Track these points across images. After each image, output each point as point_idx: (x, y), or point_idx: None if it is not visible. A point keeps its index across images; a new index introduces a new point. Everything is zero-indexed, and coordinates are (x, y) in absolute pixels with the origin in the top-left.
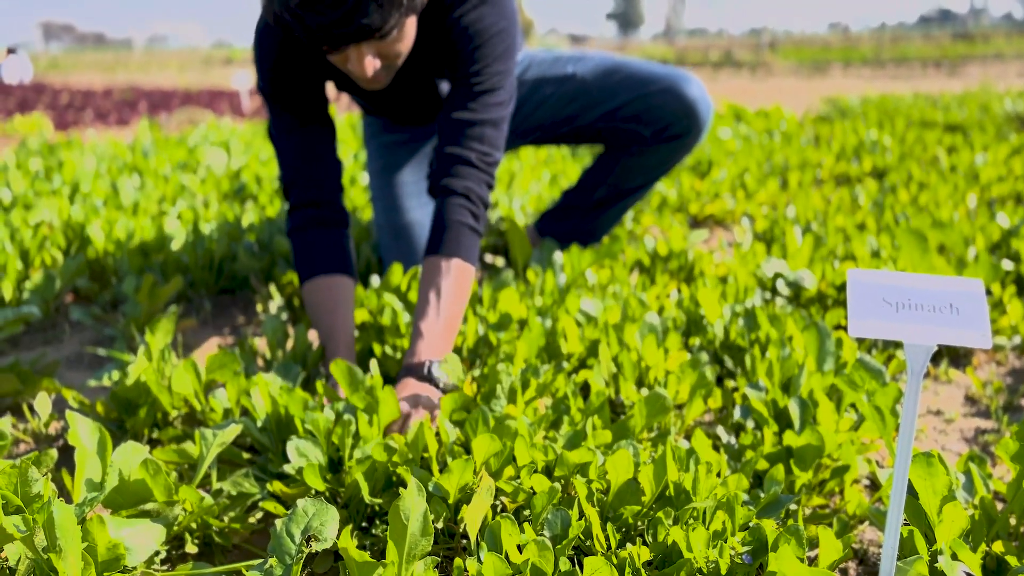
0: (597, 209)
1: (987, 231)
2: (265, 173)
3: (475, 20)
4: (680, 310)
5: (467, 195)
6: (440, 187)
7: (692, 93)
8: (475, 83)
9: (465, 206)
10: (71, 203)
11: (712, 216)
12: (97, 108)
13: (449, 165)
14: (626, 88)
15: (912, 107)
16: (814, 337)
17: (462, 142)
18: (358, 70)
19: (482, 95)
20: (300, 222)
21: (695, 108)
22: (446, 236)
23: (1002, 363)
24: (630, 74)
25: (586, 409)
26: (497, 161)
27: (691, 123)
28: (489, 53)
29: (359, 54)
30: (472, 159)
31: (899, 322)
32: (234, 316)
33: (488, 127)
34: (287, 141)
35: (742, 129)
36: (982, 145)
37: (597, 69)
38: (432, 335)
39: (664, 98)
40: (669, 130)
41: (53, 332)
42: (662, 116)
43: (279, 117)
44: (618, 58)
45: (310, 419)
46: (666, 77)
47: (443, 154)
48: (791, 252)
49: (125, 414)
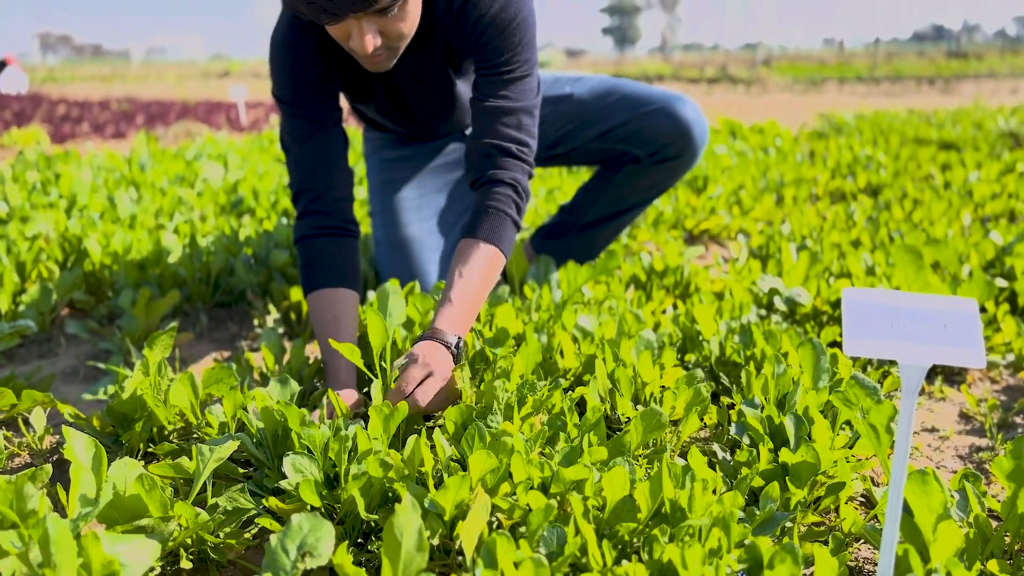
0: (591, 228)
1: (981, 248)
2: (262, 187)
3: (501, 8)
4: (676, 326)
5: (515, 185)
6: (485, 178)
7: (687, 115)
8: (506, 71)
9: (512, 197)
10: (68, 216)
11: (708, 232)
12: (94, 120)
13: (493, 155)
14: (621, 109)
15: (906, 124)
16: (809, 354)
17: (503, 132)
18: (359, 46)
19: (516, 82)
20: (308, 230)
21: (690, 130)
22: (488, 222)
23: (996, 380)
24: (626, 95)
25: (582, 425)
26: (534, 150)
27: (686, 145)
28: (519, 41)
29: (360, 29)
30: (514, 150)
31: (894, 341)
32: (230, 330)
33: (525, 115)
34: (300, 148)
35: (738, 145)
36: (976, 163)
37: (594, 90)
38: (455, 311)
39: (659, 119)
40: (663, 152)
41: (49, 345)
42: (657, 137)
43: (293, 123)
44: (615, 80)
45: (307, 434)
46: (661, 99)
47: (484, 144)
48: (786, 269)
49: (121, 428)
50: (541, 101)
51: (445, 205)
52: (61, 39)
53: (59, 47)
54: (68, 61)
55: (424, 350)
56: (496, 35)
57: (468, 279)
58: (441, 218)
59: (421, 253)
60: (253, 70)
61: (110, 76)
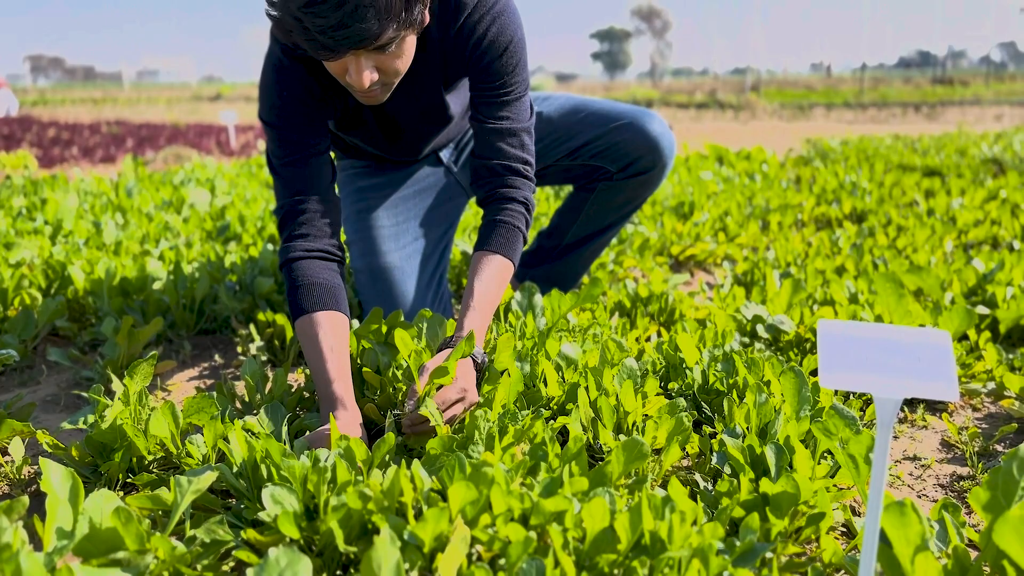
0: (571, 250)
1: (963, 276)
2: (249, 213)
3: (498, 32)
4: (659, 354)
5: (525, 203)
6: (497, 195)
7: (655, 129)
8: (504, 93)
9: (523, 213)
10: (53, 242)
11: (694, 258)
12: (84, 144)
13: (501, 175)
14: (590, 125)
15: (891, 150)
16: (791, 383)
17: (509, 152)
18: (355, 81)
19: (514, 103)
20: (294, 254)
21: (658, 143)
22: (502, 235)
23: (978, 409)
24: (593, 112)
25: (563, 455)
26: (534, 167)
27: (656, 157)
28: (515, 63)
29: (357, 65)
30: (521, 169)
31: (868, 374)
32: (214, 358)
33: (525, 135)
34: (288, 172)
35: (724, 171)
36: (959, 189)
37: (562, 108)
38: (474, 322)
39: (627, 134)
40: (634, 166)
41: (30, 373)
42: (627, 152)
43: (281, 148)
44: (581, 98)
45: (286, 466)
46: (629, 114)
47: (493, 164)
48: (770, 296)
49: (100, 459)
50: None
51: (422, 232)
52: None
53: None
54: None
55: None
56: (494, 58)
57: (489, 287)
58: (419, 245)
59: (402, 281)
60: (245, 93)
61: (101, 99)
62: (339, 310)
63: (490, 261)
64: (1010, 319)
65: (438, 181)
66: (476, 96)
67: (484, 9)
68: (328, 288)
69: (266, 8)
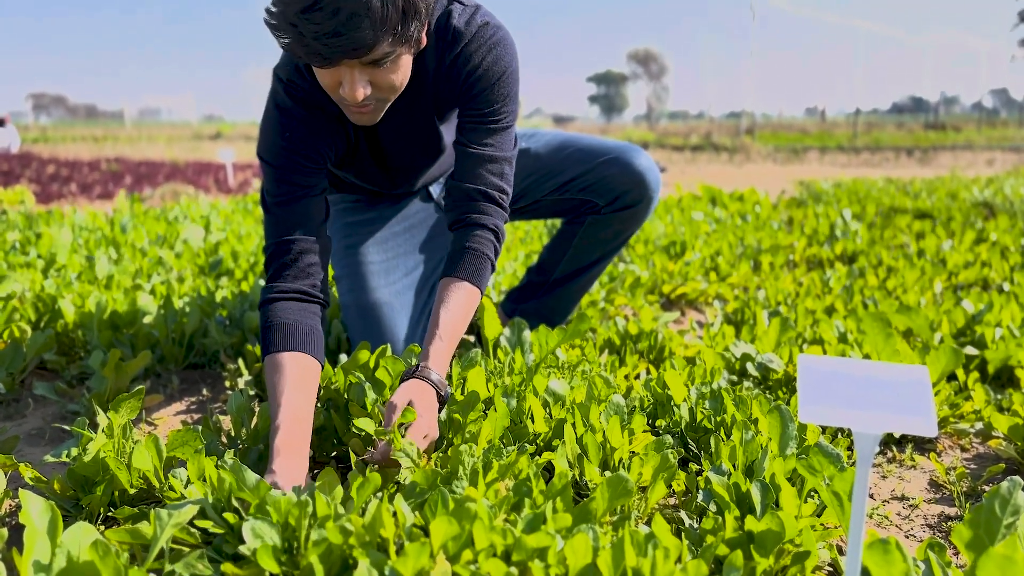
0: (560, 285)
1: (952, 316)
2: (242, 248)
3: (493, 61)
4: (647, 391)
5: (495, 231)
6: (468, 220)
7: (641, 163)
8: (493, 121)
9: (491, 240)
10: (45, 276)
11: (685, 297)
12: (82, 180)
13: (475, 200)
14: (577, 161)
15: (883, 192)
16: (776, 421)
17: (487, 179)
18: (349, 95)
19: (500, 132)
20: (272, 296)
21: (644, 177)
22: (467, 262)
23: (967, 449)
24: (581, 147)
25: (548, 491)
26: (510, 196)
27: (642, 192)
28: (507, 93)
29: (351, 77)
30: (496, 197)
31: (847, 409)
32: (201, 392)
33: (506, 164)
34: (280, 211)
35: (716, 212)
36: (949, 232)
37: (549, 144)
38: (439, 351)
39: (614, 168)
40: (621, 200)
41: (16, 406)
42: (613, 187)
43: (277, 187)
44: (568, 134)
45: (270, 499)
46: (615, 149)
47: (469, 188)
48: (759, 334)
49: (81, 492)
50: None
51: (412, 267)
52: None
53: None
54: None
55: (417, 397)
56: (487, 87)
57: (454, 315)
58: (409, 280)
59: (391, 317)
60: (244, 132)
61: (102, 137)
62: (307, 351)
63: (457, 288)
64: (998, 360)
65: (428, 216)
66: (464, 122)
67: (482, 39)
68: (300, 329)
69: (264, 15)
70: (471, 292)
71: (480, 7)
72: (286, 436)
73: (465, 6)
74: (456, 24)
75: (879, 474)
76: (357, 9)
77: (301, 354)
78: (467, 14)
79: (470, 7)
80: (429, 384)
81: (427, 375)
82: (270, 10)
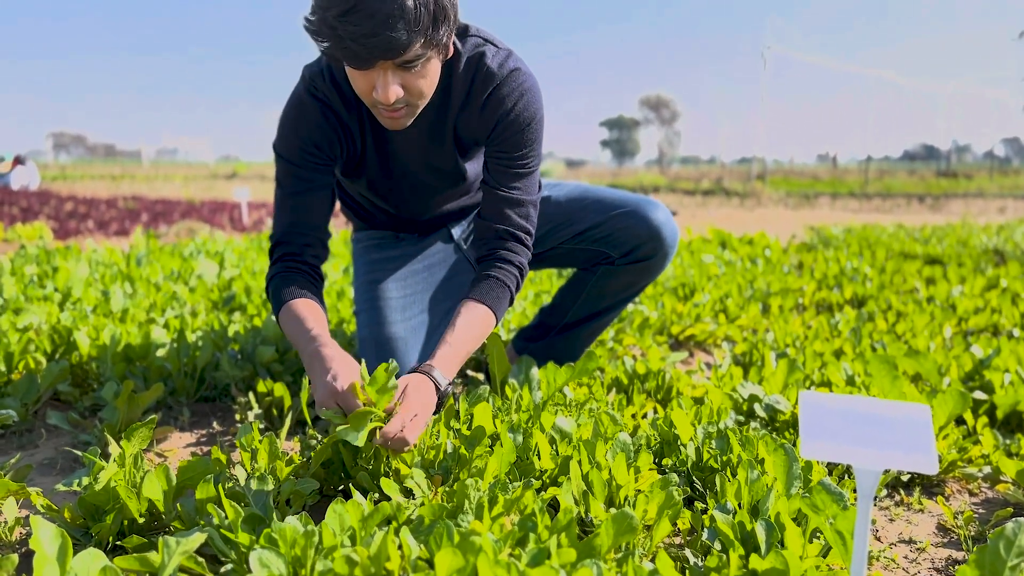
0: (571, 329)
1: (961, 361)
2: (255, 284)
3: (524, 107)
4: (654, 430)
5: (520, 267)
6: (495, 256)
7: (657, 217)
8: (520, 164)
9: (514, 275)
10: (61, 309)
11: (693, 338)
12: (99, 217)
13: (503, 239)
14: (595, 211)
15: (893, 238)
16: (782, 460)
17: (515, 221)
18: (383, 96)
19: (527, 176)
20: (281, 271)
21: (660, 231)
22: (489, 288)
23: (975, 493)
24: (599, 198)
25: (553, 527)
26: (534, 236)
27: (657, 245)
28: (534, 138)
29: (385, 79)
30: (522, 237)
31: (849, 445)
32: (212, 424)
33: (531, 207)
34: (290, 201)
35: (726, 255)
36: (960, 277)
37: (570, 194)
38: (446, 355)
39: (630, 221)
40: (635, 252)
41: (29, 436)
42: (628, 239)
43: (289, 179)
44: (590, 186)
45: (276, 528)
46: (633, 202)
47: (498, 228)
48: (767, 376)
49: (91, 520)
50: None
51: (430, 304)
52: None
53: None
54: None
55: (415, 385)
56: (517, 131)
57: (467, 331)
58: (425, 317)
59: (405, 351)
60: (260, 172)
61: (120, 175)
62: (315, 300)
63: (474, 308)
64: (1007, 404)
65: (448, 257)
66: (492, 163)
67: (514, 84)
68: (305, 288)
69: (303, 23)
70: (487, 315)
71: (512, 52)
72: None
73: (499, 48)
74: (490, 64)
75: (887, 517)
76: (392, 11)
77: (311, 300)
78: (500, 57)
79: (503, 51)
80: (429, 379)
81: (429, 371)
82: (309, 18)
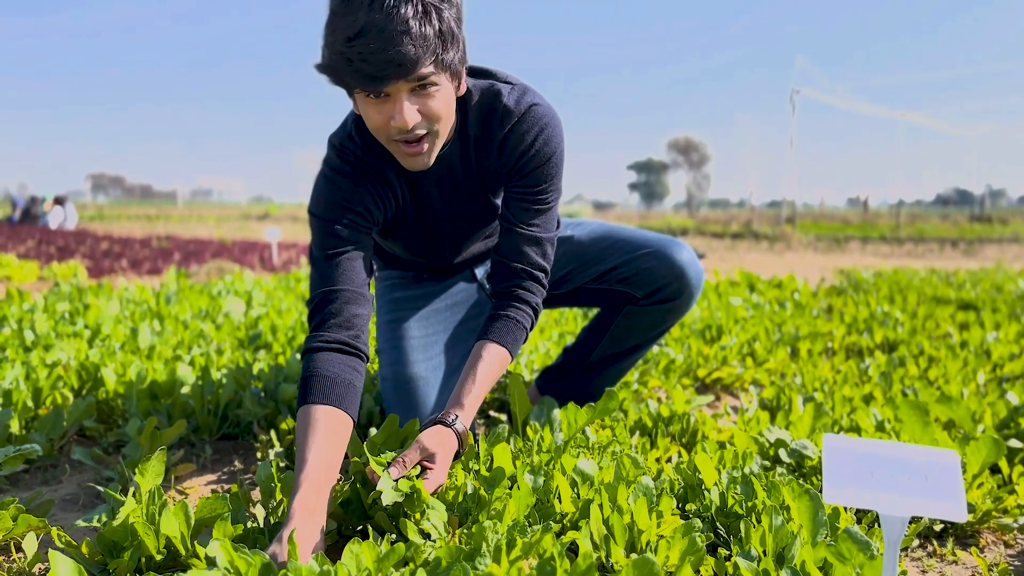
0: (594, 369)
1: (996, 408)
2: (281, 323)
3: (544, 142)
4: (678, 474)
5: (535, 307)
6: (511, 294)
7: (682, 258)
8: (539, 200)
9: (529, 314)
10: (90, 345)
11: (720, 381)
12: (133, 256)
13: (520, 277)
14: (619, 251)
15: (925, 282)
16: (807, 506)
17: (532, 259)
18: (400, 121)
19: (545, 212)
20: (316, 345)
21: (685, 272)
22: (504, 328)
23: (1011, 545)
24: (623, 238)
25: (572, 571)
26: (550, 274)
27: (682, 286)
28: (553, 173)
29: (400, 104)
30: (538, 276)
31: (874, 491)
32: (233, 462)
33: (549, 245)
34: (327, 264)
35: (754, 298)
36: (994, 323)
37: (593, 233)
38: (471, 399)
39: (654, 261)
40: (660, 293)
41: (53, 472)
42: (653, 279)
43: (325, 240)
44: (613, 225)
45: (292, 567)
46: (657, 242)
47: (515, 266)
48: (794, 420)
49: (110, 556)
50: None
51: (451, 344)
52: (113, 180)
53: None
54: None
55: (437, 444)
56: (537, 167)
57: (487, 373)
58: (445, 357)
59: (425, 391)
60: (291, 213)
61: (155, 216)
62: (342, 407)
63: (492, 349)
64: None
65: (470, 296)
66: (511, 199)
67: (532, 120)
68: (339, 383)
69: (314, 67)
70: (503, 356)
71: (529, 88)
72: (304, 497)
73: (514, 86)
74: (507, 103)
75: (919, 568)
76: (397, 27)
77: (336, 409)
78: (516, 93)
79: (519, 87)
80: (453, 432)
81: (452, 423)
82: (321, 55)
